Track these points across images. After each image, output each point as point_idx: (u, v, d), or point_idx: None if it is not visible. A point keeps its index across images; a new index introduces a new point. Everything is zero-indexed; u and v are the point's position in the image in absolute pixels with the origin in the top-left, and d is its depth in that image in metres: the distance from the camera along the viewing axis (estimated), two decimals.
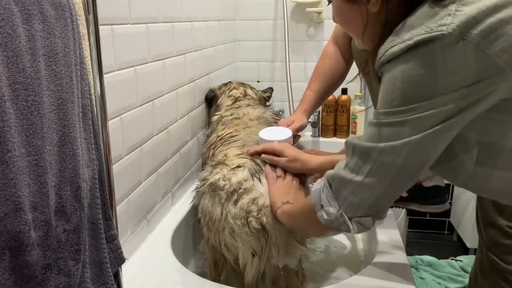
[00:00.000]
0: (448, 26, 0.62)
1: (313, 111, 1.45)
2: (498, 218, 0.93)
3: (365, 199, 0.75)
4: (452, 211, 2.31)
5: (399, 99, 0.67)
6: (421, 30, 0.64)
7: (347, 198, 0.76)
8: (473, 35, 0.62)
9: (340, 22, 0.86)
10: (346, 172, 0.75)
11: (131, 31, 1.09)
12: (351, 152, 0.75)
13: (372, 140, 0.71)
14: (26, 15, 0.56)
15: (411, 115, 0.66)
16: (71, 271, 0.65)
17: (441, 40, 0.62)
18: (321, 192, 0.80)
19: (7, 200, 0.53)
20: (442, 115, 0.66)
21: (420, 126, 0.67)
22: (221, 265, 1.16)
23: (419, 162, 0.71)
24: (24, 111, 0.56)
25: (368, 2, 0.74)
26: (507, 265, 0.91)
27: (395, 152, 0.69)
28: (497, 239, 0.93)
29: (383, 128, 0.70)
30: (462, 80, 0.64)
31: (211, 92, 1.72)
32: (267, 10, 2.18)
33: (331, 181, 0.79)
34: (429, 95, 0.65)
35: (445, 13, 0.63)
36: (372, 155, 0.71)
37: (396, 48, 0.66)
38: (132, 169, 1.12)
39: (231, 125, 1.42)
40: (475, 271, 1.03)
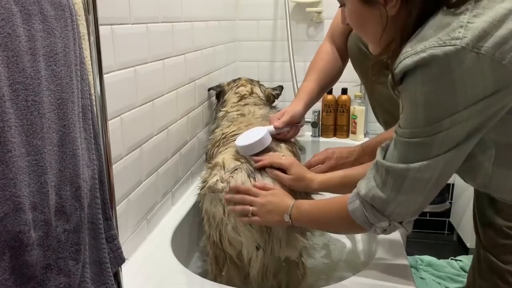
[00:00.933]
0: (461, 40, 0.62)
1: (312, 101, 1.35)
2: (495, 218, 0.93)
3: (411, 208, 0.79)
4: (452, 211, 2.31)
5: (423, 119, 0.69)
6: (433, 42, 0.64)
7: (394, 211, 0.79)
8: (487, 47, 0.62)
9: (355, 26, 0.83)
10: (386, 192, 0.77)
11: (131, 31, 1.09)
12: (384, 173, 0.76)
13: (404, 160, 0.73)
14: (26, 15, 0.56)
15: (436, 133, 0.68)
16: (71, 271, 0.65)
17: (456, 54, 0.63)
18: (365, 212, 0.82)
19: (7, 200, 0.53)
20: (466, 129, 0.68)
21: (448, 143, 0.69)
22: (221, 260, 1.17)
23: (451, 170, 0.74)
24: (24, 111, 0.56)
25: (387, 4, 0.72)
26: (504, 265, 0.91)
27: (430, 169, 0.72)
28: (494, 239, 0.93)
29: (412, 148, 0.72)
30: (481, 92, 0.65)
31: (218, 87, 1.72)
32: (267, 10, 2.18)
33: (371, 202, 0.80)
34: (451, 111, 0.66)
35: (457, 25, 0.63)
36: (408, 175, 0.73)
37: (409, 60, 0.66)
38: (132, 169, 1.12)
39: (236, 122, 1.42)
40: (473, 271, 1.03)
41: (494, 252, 0.94)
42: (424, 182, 0.74)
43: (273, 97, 1.79)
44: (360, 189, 0.82)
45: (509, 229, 0.94)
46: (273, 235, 1.08)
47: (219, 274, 1.18)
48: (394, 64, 0.70)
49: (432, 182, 0.74)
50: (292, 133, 1.30)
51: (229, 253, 1.13)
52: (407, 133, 0.71)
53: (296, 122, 1.28)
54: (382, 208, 0.79)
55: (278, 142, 1.26)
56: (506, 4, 0.64)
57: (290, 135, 1.30)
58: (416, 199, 0.77)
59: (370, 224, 0.83)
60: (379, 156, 0.79)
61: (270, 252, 1.09)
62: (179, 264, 1.12)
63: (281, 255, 1.10)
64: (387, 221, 0.81)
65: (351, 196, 0.85)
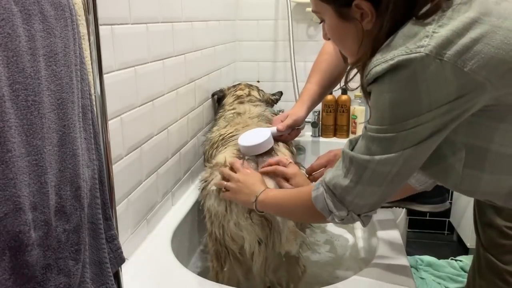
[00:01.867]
0: (425, 48, 0.66)
1: (314, 104, 1.39)
2: (496, 218, 0.93)
3: (368, 200, 0.82)
4: (452, 211, 2.31)
5: (388, 118, 0.73)
6: (401, 51, 0.68)
7: (352, 201, 0.82)
8: (449, 55, 0.66)
9: (334, 40, 0.86)
10: (347, 181, 0.80)
11: (131, 31, 1.09)
12: (348, 162, 0.80)
13: (368, 153, 0.77)
14: (26, 15, 0.56)
15: (400, 131, 0.72)
16: (71, 271, 0.65)
17: (420, 61, 0.66)
18: (326, 199, 0.85)
19: (7, 200, 0.53)
20: (429, 129, 0.71)
21: (410, 140, 0.73)
22: (223, 257, 1.18)
23: (412, 167, 0.78)
24: (24, 111, 0.56)
25: (363, 19, 0.75)
26: (504, 265, 0.92)
27: (390, 163, 0.75)
28: (495, 240, 0.93)
29: (377, 142, 0.75)
30: (445, 97, 0.68)
31: (220, 91, 1.77)
32: (267, 10, 2.18)
33: (333, 189, 0.84)
34: (415, 113, 0.70)
35: (423, 34, 0.67)
36: (369, 166, 0.77)
37: (379, 67, 0.70)
38: (132, 169, 1.12)
39: (232, 123, 1.43)
40: (473, 271, 1.03)
41: (493, 252, 0.94)
42: (383, 175, 0.77)
43: (272, 101, 1.81)
44: (325, 176, 0.86)
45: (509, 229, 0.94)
46: (274, 230, 1.10)
47: (221, 270, 1.19)
48: (365, 71, 0.74)
49: (390, 177, 0.77)
50: (293, 136, 1.34)
51: (231, 248, 1.15)
52: (373, 129, 0.75)
53: (298, 125, 1.32)
54: (341, 197, 0.83)
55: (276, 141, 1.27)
56: (469, 14, 0.67)
57: (290, 137, 1.33)
58: (374, 191, 0.80)
59: (329, 211, 0.86)
60: (347, 147, 0.82)
61: (271, 246, 1.11)
62: (179, 264, 1.12)
63: (281, 250, 1.12)
64: (346, 210, 0.84)
65: (317, 183, 0.89)
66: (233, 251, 1.15)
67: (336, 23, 0.80)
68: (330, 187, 0.84)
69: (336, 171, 0.83)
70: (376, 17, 0.73)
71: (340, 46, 0.87)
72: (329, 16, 0.80)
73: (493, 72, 0.66)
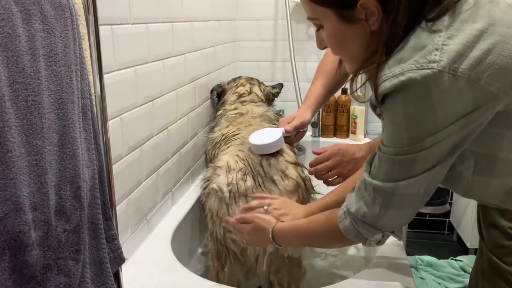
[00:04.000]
0: (438, 64, 0.64)
1: (319, 107, 1.39)
2: (500, 219, 0.93)
3: (402, 220, 0.82)
4: (452, 211, 2.31)
5: (405, 138, 0.70)
6: (411, 65, 0.65)
7: (386, 224, 0.81)
8: (462, 69, 0.64)
9: (335, 47, 0.81)
10: (376, 209, 0.79)
11: (131, 31, 1.09)
12: (372, 191, 0.78)
13: (390, 178, 0.75)
14: (26, 15, 0.56)
15: (420, 151, 0.70)
16: (71, 271, 0.65)
17: (433, 77, 0.64)
18: (357, 228, 0.83)
19: (7, 200, 0.53)
20: (448, 146, 0.70)
21: (431, 160, 0.71)
22: (224, 256, 1.18)
23: (437, 182, 0.77)
24: (24, 111, 0.56)
25: (368, 19, 0.71)
26: (508, 266, 0.91)
27: (416, 185, 0.74)
28: (498, 241, 0.93)
29: (397, 166, 0.74)
30: (460, 111, 0.67)
31: (219, 87, 1.74)
32: (267, 10, 2.18)
33: (362, 219, 0.82)
34: (432, 130, 0.68)
35: (433, 47, 0.65)
36: (396, 193, 0.75)
37: (388, 83, 0.67)
38: (132, 169, 1.12)
39: (234, 123, 1.43)
40: (475, 272, 1.03)
41: (497, 253, 0.94)
42: (412, 197, 0.76)
43: (273, 95, 1.79)
44: (349, 206, 0.84)
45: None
46: None
47: (221, 270, 1.19)
48: (375, 86, 0.70)
49: (420, 196, 0.76)
50: (298, 137, 1.34)
51: (232, 249, 1.15)
52: (390, 151, 0.73)
53: (304, 127, 1.32)
54: (373, 223, 0.81)
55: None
56: (478, 25, 0.65)
57: (296, 139, 1.33)
58: (407, 212, 0.80)
59: (364, 238, 0.85)
60: (365, 174, 0.80)
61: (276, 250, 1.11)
62: (179, 264, 1.12)
63: (284, 253, 1.12)
64: (380, 233, 0.83)
65: (340, 215, 0.86)
66: (234, 252, 1.15)
67: (338, 28, 0.75)
68: (359, 217, 0.82)
69: (360, 199, 0.81)
70: (382, 16, 0.70)
71: (342, 52, 0.82)
72: (329, 21, 0.76)
73: (507, 82, 0.65)
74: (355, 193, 0.83)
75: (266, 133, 1.23)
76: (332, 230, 0.88)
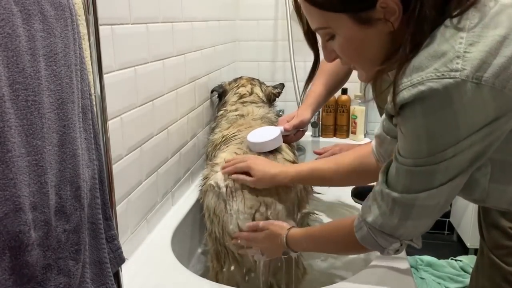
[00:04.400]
0: (461, 73, 0.61)
1: (319, 106, 1.38)
2: (501, 219, 0.93)
3: (420, 229, 0.81)
4: (452, 211, 2.31)
5: (426, 149, 0.67)
6: (431, 74, 0.62)
7: (404, 233, 0.80)
8: (486, 78, 0.61)
9: (351, 54, 0.75)
10: (395, 220, 0.77)
11: (131, 31, 1.09)
12: (391, 203, 0.76)
13: (409, 190, 0.73)
14: (26, 15, 0.56)
15: (440, 162, 0.68)
16: (71, 271, 0.65)
17: (456, 87, 0.61)
18: (375, 238, 0.82)
19: (7, 200, 0.53)
20: (469, 156, 0.67)
21: (451, 171, 0.69)
22: (223, 257, 1.18)
23: (457, 192, 0.75)
24: (24, 111, 0.56)
25: (388, 18, 0.66)
26: (508, 266, 0.91)
27: (436, 197, 0.72)
28: (499, 241, 0.93)
29: (416, 177, 0.71)
30: (483, 120, 0.64)
31: (220, 87, 1.73)
32: (267, 10, 2.18)
33: (380, 229, 0.80)
34: (454, 141, 0.65)
35: (454, 55, 0.62)
36: (416, 204, 0.73)
37: (407, 93, 0.64)
38: (132, 169, 1.12)
39: (235, 124, 1.43)
40: (476, 272, 1.03)
41: (498, 253, 0.94)
42: (432, 208, 0.74)
43: (274, 95, 1.79)
44: (365, 216, 0.82)
45: None
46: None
47: (220, 270, 1.19)
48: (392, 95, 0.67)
49: (439, 207, 0.75)
50: (298, 137, 1.33)
51: (230, 249, 1.15)
52: (409, 162, 0.70)
53: (303, 127, 1.31)
54: (392, 232, 0.80)
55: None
56: (500, 31, 0.63)
57: (295, 138, 1.33)
58: (426, 222, 0.78)
59: (382, 248, 0.83)
60: (382, 185, 0.77)
61: None
62: (179, 264, 1.12)
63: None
64: (398, 242, 0.81)
65: (357, 224, 0.85)
66: (232, 252, 1.15)
67: (356, 32, 0.69)
68: (377, 227, 0.80)
69: (377, 209, 0.79)
70: (403, 12, 0.65)
71: (359, 59, 0.76)
72: (345, 27, 0.70)
73: None
74: (371, 202, 0.81)
75: (264, 131, 1.23)
76: (349, 238, 0.87)
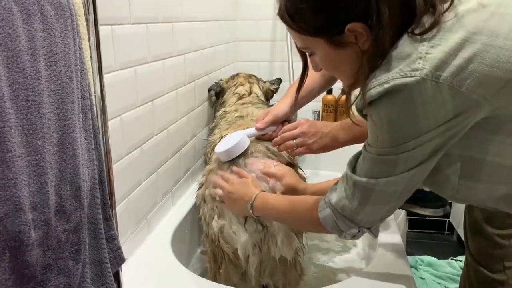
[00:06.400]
0: (421, 71, 0.66)
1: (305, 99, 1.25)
2: (486, 227, 0.94)
3: (378, 216, 0.84)
4: (452, 211, 2.31)
5: (388, 140, 0.73)
6: (396, 74, 0.67)
7: (363, 219, 0.83)
8: (444, 76, 0.66)
9: (329, 69, 0.84)
10: (354, 203, 0.81)
11: (131, 31, 1.09)
12: (352, 186, 0.81)
13: (371, 175, 0.77)
14: (26, 15, 0.56)
15: (401, 153, 0.72)
16: (71, 271, 0.65)
17: (416, 84, 0.66)
18: (335, 220, 0.85)
19: (7, 200, 0.53)
20: (429, 149, 0.72)
21: (412, 161, 0.73)
22: (220, 258, 1.18)
23: (416, 183, 0.79)
24: (24, 111, 0.56)
25: (358, 41, 0.73)
26: (493, 274, 0.92)
27: (395, 184, 0.76)
28: (484, 249, 0.94)
29: (379, 165, 0.76)
30: (442, 117, 0.69)
31: (217, 86, 1.71)
32: (267, 10, 2.18)
33: (341, 211, 0.84)
34: (415, 134, 0.70)
35: (416, 56, 0.67)
36: (375, 189, 0.78)
37: (374, 91, 0.69)
38: (132, 169, 1.12)
39: (234, 125, 1.42)
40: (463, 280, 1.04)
41: (482, 262, 0.95)
42: (390, 194, 0.78)
43: (272, 92, 1.78)
44: (330, 197, 0.86)
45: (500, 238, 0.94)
46: (269, 234, 1.10)
47: (218, 271, 1.19)
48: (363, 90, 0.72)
49: (397, 194, 0.78)
50: (278, 133, 1.24)
51: (226, 251, 1.15)
52: (374, 151, 0.75)
53: (280, 121, 1.23)
54: (351, 217, 0.83)
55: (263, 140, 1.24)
56: (460, 34, 0.67)
57: (275, 135, 1.24)
58: (383, 209, 0.82)
59: (340, 230, 0.87)
60: (349, 168, 0.82)
61: (267, 250, 1.11)
62: (179, 264, 1.12)
63: (276, 255, 1.11)
64: (357, 228, 0.85)
65: (321, 204, 0.88)
66: (228, 253, 1.15)
67: (331, 53, 0.77)
68: (338, 209, 0.84)
69: (341, 193, 0.84)
70: (370, 35, 0.71)
71: (336, 73, 0.85)
72: (321, 49, 0.77)
73: (488, 90, 0.67)
74: (338, 185, 0.85)
75: (229, 139, 1.20)
76: (311, 217, 0.90)
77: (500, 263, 0.96)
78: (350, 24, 0.70)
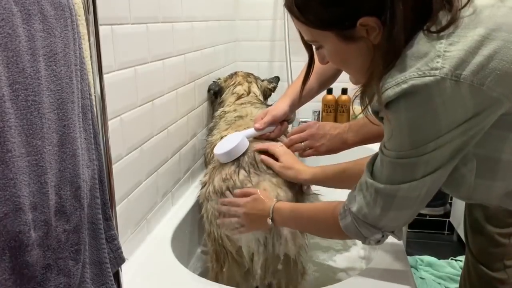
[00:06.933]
0: (440, 71, 0.64)
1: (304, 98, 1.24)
2: (487, 225, 0.94)
3: (402, 220, 0.83)
4: (452, 211, 2.31)
5: (407, 142, 0.71)
6: (413, 73, 0.65)
7: (386, 225, 0.82)
8: (465, 75, 0.64)
9: (338, 63, 0.81)
10: (377, 210, 0.79)
11: (131, 31, 1.09)
12: (374, 193, 0.78)
13: (392, 181, 0.75)
14: (26, 15, 0.56)
15: (421, 155, 0.71)
16: (71, 271, 0.65)
17: (436, 84, 0.64)
18: (358, 227, 0.84)
19: (7, 200, 0.53)
20: (449, 150, 0.70)
21: (433, 163, 0.72)
22: (222, 257, 1.18)
23: (438, 185, 0.77)
24: (24, 111, 0.56)
25: (369, 35, 0.70)
26: (493, 272, 0.92)
27: (418, 189, 0.75)
28: (485, 248, 0.94)
29: (399, 169, 0.74)
30: (462, 116, 0.67)
31: (215, 85, 1.71)
32: (267, 10, 2.18)
33: (363, 219, 0.82)
34: (435, 135, 0.68)
35: (434, 54, 0.65)
36: (397, 195, 0.76)
37: (391, 91, 0.67)
38: (132, 169, 1.12)
39: (233, 125, 1.42)
40: (464, 279, 1.04)
41: (483, 260, 0.95)
42: (413, 199, 0.76)
43: (270, 90, 1.78)
44: (350, 205, 0.84)
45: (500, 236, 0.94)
46: (273, 230, 1.10)
47: (220, 271, 1.19)
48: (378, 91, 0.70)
49: (420, 199, 0.77)
50: (276, 133, 1.25)
51: (229, 249, 1.15)
52: (393, 155, 0.73)
53: (279, 121, 1.23)
54: (374, 223, 0.82)
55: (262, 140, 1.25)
56: (479, 31, 0.65)
57: (274, 135, 1.25)
58: (406, 213, 0.80)
59: (364, 237, 0.85)
60: (367, 175, 0.80)
61: (272, 248, 1.11)
62: (179, 264, 1.12)
63: (280, 252, 1.12)
64: (380, 233, 0.84)
65: (342, 212, 0.87)
66: (231, 252, 1.15)
67: (340, 47, 0.74)
68: (360, 217, 0.83)
69: (361, 200, 0.82)
70: (383, 30, 0.69)
71: (344, 67, 0.82)
72: (331, 42, 0.75)
73: (509, 87, 0.65)
74: (357, 192, 0.83)
75: (228, 140, 1.20)
76: (332, 224, 0.89)
77: (501, 261, 0.96)
78: (363, 18, 0.68)
